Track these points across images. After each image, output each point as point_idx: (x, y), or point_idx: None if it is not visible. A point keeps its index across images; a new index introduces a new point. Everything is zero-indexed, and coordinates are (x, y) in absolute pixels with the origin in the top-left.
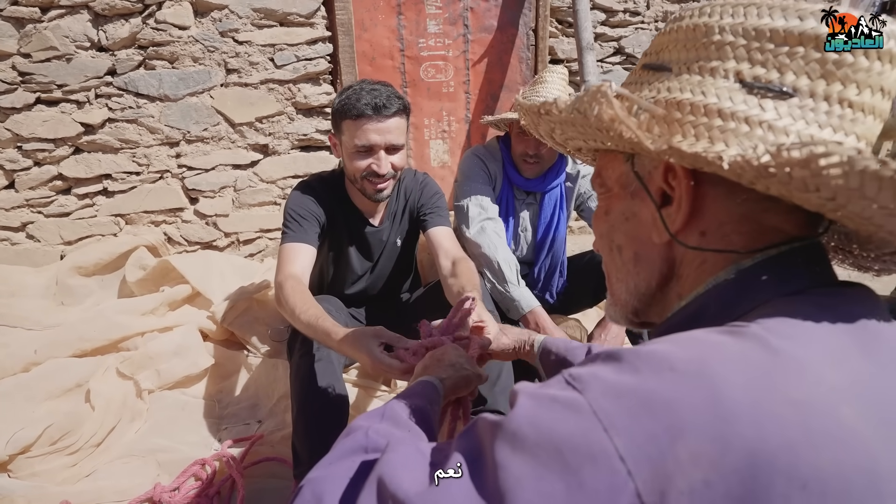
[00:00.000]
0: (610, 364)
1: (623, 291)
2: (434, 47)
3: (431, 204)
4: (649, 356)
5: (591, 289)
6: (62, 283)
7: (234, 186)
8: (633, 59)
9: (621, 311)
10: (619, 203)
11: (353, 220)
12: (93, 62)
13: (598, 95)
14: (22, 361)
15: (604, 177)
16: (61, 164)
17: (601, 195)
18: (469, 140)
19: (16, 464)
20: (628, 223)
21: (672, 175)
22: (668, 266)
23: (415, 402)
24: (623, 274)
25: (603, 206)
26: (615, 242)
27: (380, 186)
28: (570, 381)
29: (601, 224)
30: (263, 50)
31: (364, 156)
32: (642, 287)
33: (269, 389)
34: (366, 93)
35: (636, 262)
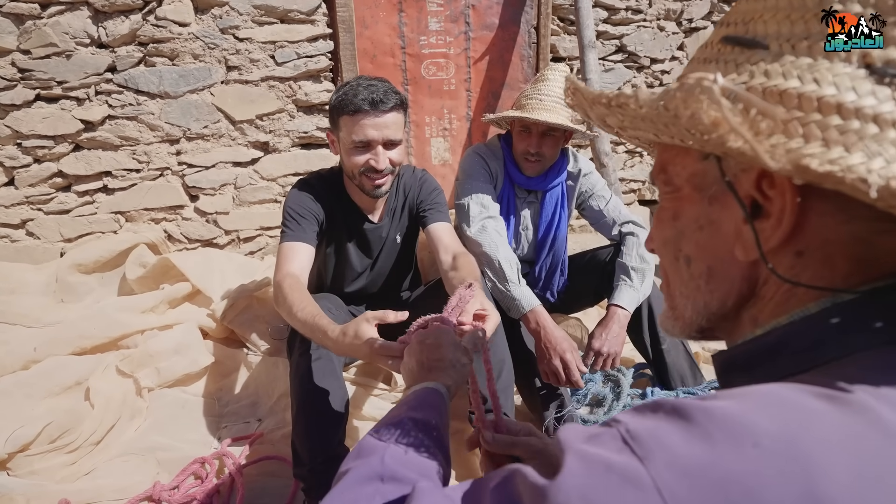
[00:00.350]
0: (676, 423)
1: (689, 309)
2: (435, 45)
3: (431, 200)
4: (726, 421)
5: (592, 288)
6: (62, 280)
7: (234, 184)
8: (636, 56)
9: (682, 328)
10: (691, 207)
11: (352, 217)
12: (93, 59)
13: (698, 92)
14: (22, 359)
15: (670, 173)
16: (61, 162)
17: (666, 194)
18: (470, 138)
19: (15, 462)
20: (702, 232)
21: (769, 184)
22: (748, 286)
23: (427, 415)
24: (690, 290)
25: (669, 209)
26: (683, 252)
27: (378, 182)
28: (629, 441)
29: (665, 229)
30: (264, 47)
31: (362, 151)
32: (714, 307)
33: (269, 388)
34: (363, 88)
35: (709, 278)
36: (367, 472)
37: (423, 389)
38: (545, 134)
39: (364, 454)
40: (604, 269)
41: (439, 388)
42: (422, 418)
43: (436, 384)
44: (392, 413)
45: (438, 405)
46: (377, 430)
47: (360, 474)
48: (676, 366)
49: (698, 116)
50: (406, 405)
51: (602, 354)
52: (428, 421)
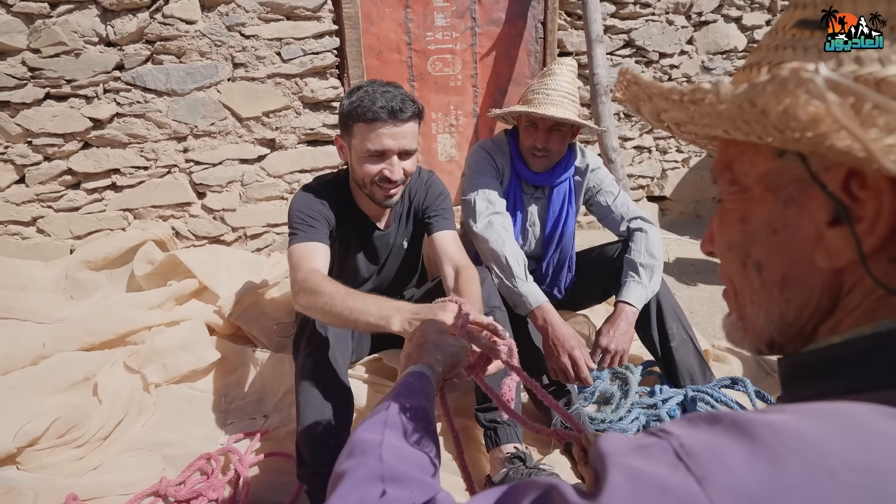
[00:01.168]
0: (738, 440)
1: (761, 319)
2: (441, 41)
3: (437, 206)
4: (798, 443)
5: (599, 285)
6: (71, 277)
7: (241, 181)
8: (644, 51)
9: (752, 340)
10: (762, 210)
11: (360, 224)
12: (101, 57)
13: (794, 85)
14: (31, 355)
15: (736, 172)
16: (70, 159)
17: (732, 194)
18: (477, 134)
19: (24, 456)
20: (776, 237)
21: (859, 184)
22: (829, 297)
23: (413, 401)
24: (762, 298)
25: (735, 211)
26: (752, 258)
27: (391, 192)
28: (684, 457)
29: (731, 232)
30: (270, 44)
31: (376, 161)
32: (790, 317)
33: (275, 384)
34: (380, 95)
35: (784, 286)
36: (366, 473)
37: (406, 375)
38: (552, 129)
39: (357, 453)
40: (611, 266)
41: (423, 370)
42: (410, 405)
43: (419, 366)
44: (380, 404)
45: (424, 386)
46: (367, 424)
47: (360, 476)
48: (686, 363)
49: (793, 113)
50: (393, 393)
51: (610, 351)
52: (416, 406)
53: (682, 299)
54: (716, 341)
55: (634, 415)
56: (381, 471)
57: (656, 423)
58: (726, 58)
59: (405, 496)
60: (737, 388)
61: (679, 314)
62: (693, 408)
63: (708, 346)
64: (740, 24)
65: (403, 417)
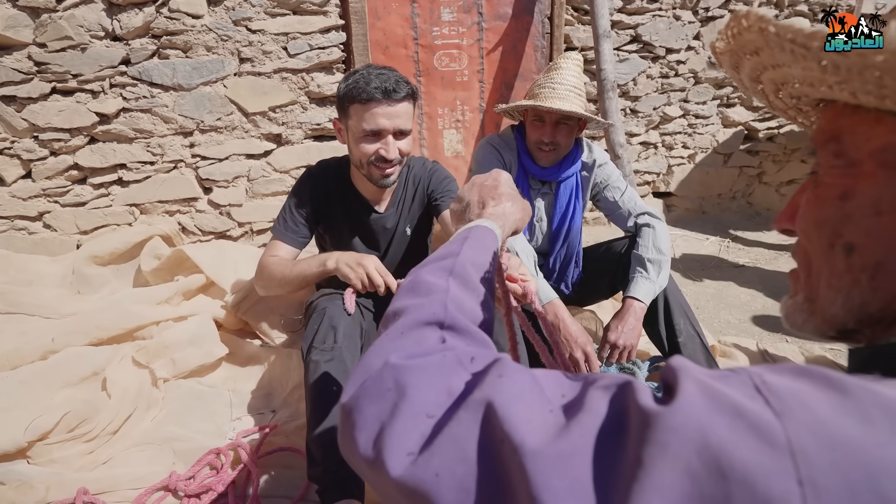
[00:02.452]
0: (827, 391)
1: (837, 305)
2: (448, 35)
3: (442, 188)
4: (892, 406)
5: (607, 280)
6: (78, 272)
7: (247, 176)
8: (651, 46)
9: (818, 325)
10: (870, 188)
11: (357, 208)
12: (107, 52)
13: None
14: (40, 349)
15: (846, 143)
16: (77, 154)
17: (833, 168)
18: (483, 130)
19: (35, 450)
20: (880, 219)
21: None
22: None
23: (482, 258)
24: (844, 283)
25: (836, 186)
26: (844, 238)
27: (387, 172)
28: (764, 391)
29: (826, 208)
30: (276, 39)
31: (372, 140)
32: (873, 308)
33: (283, 379)
34: (374, 77)
35: (876, 273)
36: (428, 316)
37: (479, 228)
38: (559, 123)
39: (422, 292)
40: (619, 261)
41: (495, 230)
42: (479, 261)
43: (491, 223)
44: (448, 249)
45: (493, 249)
46: (432, 268)
47: (422, 318)
48: (693, 359)
49: None
50: (462, 242)
51: (618, 347)
52: (483, 264)
53: (688, 295)
54: (722, 337)
55: None
56: (443, 317)
57: None
58: None
59: (466, 349)
60: None
61: (686, 310)
62: None
63: (714, 342)
64: None
65: (471, 271)
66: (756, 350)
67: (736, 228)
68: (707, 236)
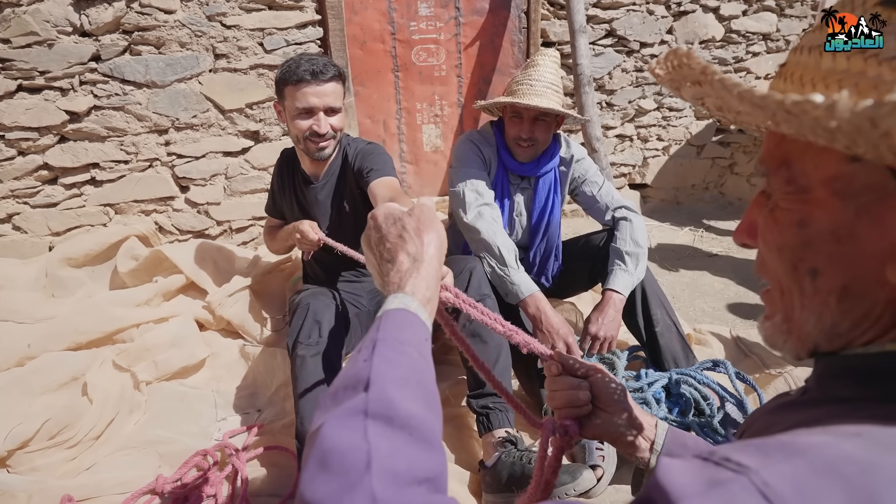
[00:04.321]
0: (826, 480)
1: (811, 325)
2: (425, 30)
3: (368, 163)
4: (889, 485)
5: (586, 273)
6: (52, 274)
7: (225, 174)
8: (625, 40)
9: (795, 345)
10: (825, 215)
11: (299, 183)
12: (76, 48)
13: None
14: (16, 356)
15: (796, 171)
16: (46, 154)
17: (786, 194)
18: (462, 124)
19: (15, 459)
20: (840, 246)
21: None
22: (892, 312)
23: (406, 359)
24: (815, 304)
25: (792, 212)
26: (808, 264)
27: (321, 145)
28: (774, 501)
29: (785, 234)
30: (252, 34)
31: (305, 117)
32: (843, 328)
33: (267, 378)
34: (304, 61)
35: (842, 297)
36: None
37: (390, 315)
38: (537, 119)
39: (335, 469)
40: (598, 254)
41: (407, 305)
42: (401, 368)
43: (403, 298)
44: (356, 365)
45: (415, 329)
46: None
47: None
48: (669, 348)
49: None
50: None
51: (599, 338)
52: (411, 368)
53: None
54: (697, 325)
55: None
56: (367, 456)
57: (643, 405)
58: (705, 47)
59: None
60: (718, 370)
61: (663, 300)
62: (677, 390)
63: (690, 330)
64: (718, 13)
65: (394, 391)
66: (729, 337)
67: (709, 218)
68: (681, 227)
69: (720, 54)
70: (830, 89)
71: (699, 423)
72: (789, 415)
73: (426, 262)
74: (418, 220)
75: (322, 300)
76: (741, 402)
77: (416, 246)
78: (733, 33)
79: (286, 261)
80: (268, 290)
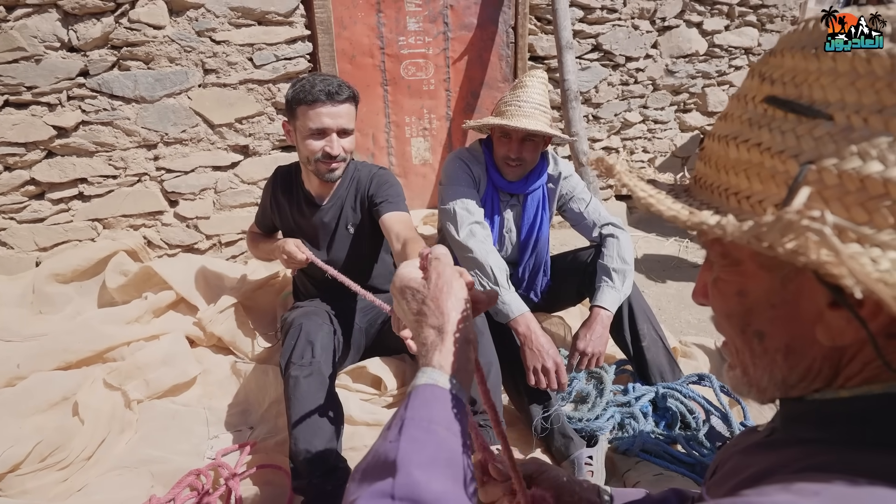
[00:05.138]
0: None
1: (765, 380)
2: (414, 45)
3: (381, 193)
4: None
5: (574, 288)
6: (39, 290)
7: (214, 188)
8: (611, 55)
9: (756, 395)
10: (758, 286)
11: (302, 205)
12: (64, 63)
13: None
14: (5, 375)
15: (728, 247)
16: (33, 169)
17: (724, 267)
18: (450, 138)
19: (6, 482)
20: (776, 311)
21: None
22: (829, 365)
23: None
24: (765, 363)
25: (731, 283)
26: (753, 327)
27: (333, 166)
28: None
29: (729, 303)
30: (242, 49)
31: (318, 137)
32: (792, 380)
33: (259, 395)
34: (318, 81)
35: (787, 355)
36: None
37: (419, 391)
38: (525, 139)
39: None
40: (585, 270)
41: (440, 382)
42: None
43: (435, 373)
44: (383, 450)
45: (457, 422)
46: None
47: None
48: (656, 362)
49: (804, 251)
50: (399, 427)
51: (587, 354)
52: (439, 418)
53: (650, 296)
54: (683, 337)
55: (610, 413)
56: None
57: (630, 419)
58: (688, 61)
59: None
60: (703, 383)
61: (650, 315)
62: (664, 404)
63: (676, 343)
64: (701, 28)
65: (421, 475)
66: (714, 349)
67: None
68: (667, 237)
69: (703, 68)
70: (739, 177)
71: (685, 436)
72: (758, 457)
73: (449, 332)
74: (436, 288)
75: (314, 320)
76: (726, 416)
77: (437, 318)
78: (716, 47)
79: (276, 276)
80: (258, 306)
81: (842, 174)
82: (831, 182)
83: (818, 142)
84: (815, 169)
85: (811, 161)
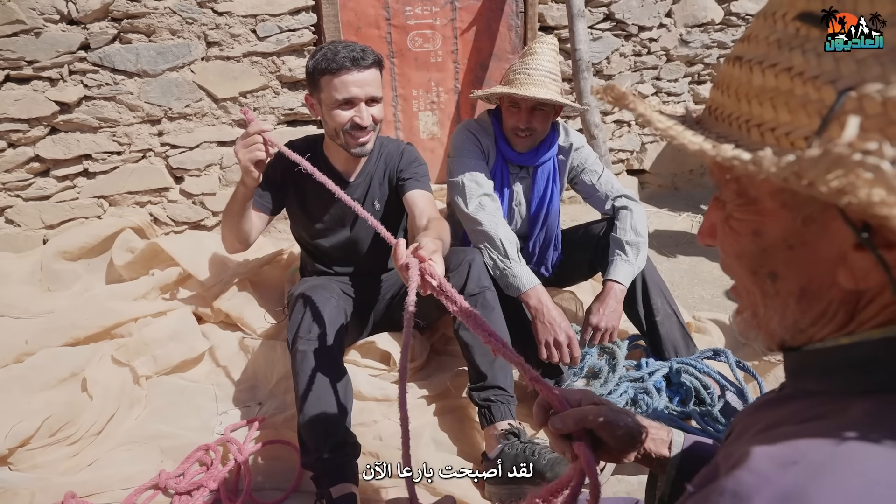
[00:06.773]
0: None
1: (775, 323)
2: (421, 15)
3: (410, 170)
4: None
5: (585, 262)
6: (47, 268)
7: (220, 164)
8: (623, 24)
9: (765, 339)
10: (776, 225)
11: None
12: (64, 36)
13: (855, 166)
14: (14, 352)
15: (744, 184)
16: (37, 145)
17: (738, 206)
18: (459, 111)
19: (16, 457)
20: (793, 252)
21: None
22: (846, 310)
23: None
24: (776, 304)
25: (746, 222)
26: (767, 269)
27: (362, 140)
28: None
29: (742, 242)
30: (244, 21)
31: (346, 108)
32: (804, 324)
33: (267, 371)
34: (341, 48)
35: (801, 298)
36: None
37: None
38: (535, 108)
39: None
40: (598, 244)
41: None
42: None
43: None
44: None
45: None
46: None
47: None
48: (670, 337)
49: (851, 189)
50: None
51: (600, 329)
52: None
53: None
54: (696, 312)
55: (623, 388)
56: None
57: (643, 395)
58: (704, 30)
59: None
60: (718, 358)
61: (663, 289)
62: (678, 379)
63: (690, 318)
64: None
65: None
66: (729, 324)
67: (707, 204)
68: (679, 212)
69: (719, 38)
70: (764, 107)
71: (700, 411)
72: (764, 413)
73: None
74: None
75: (321, 294)
76: (741, 391)
77: None
78: (733, 16)
79: (282, 252)
80: (265, 282)
81: (887, 101)
82: (873, 111)
83: (860, 64)
84: (856, 96)
85: (851, 87)
